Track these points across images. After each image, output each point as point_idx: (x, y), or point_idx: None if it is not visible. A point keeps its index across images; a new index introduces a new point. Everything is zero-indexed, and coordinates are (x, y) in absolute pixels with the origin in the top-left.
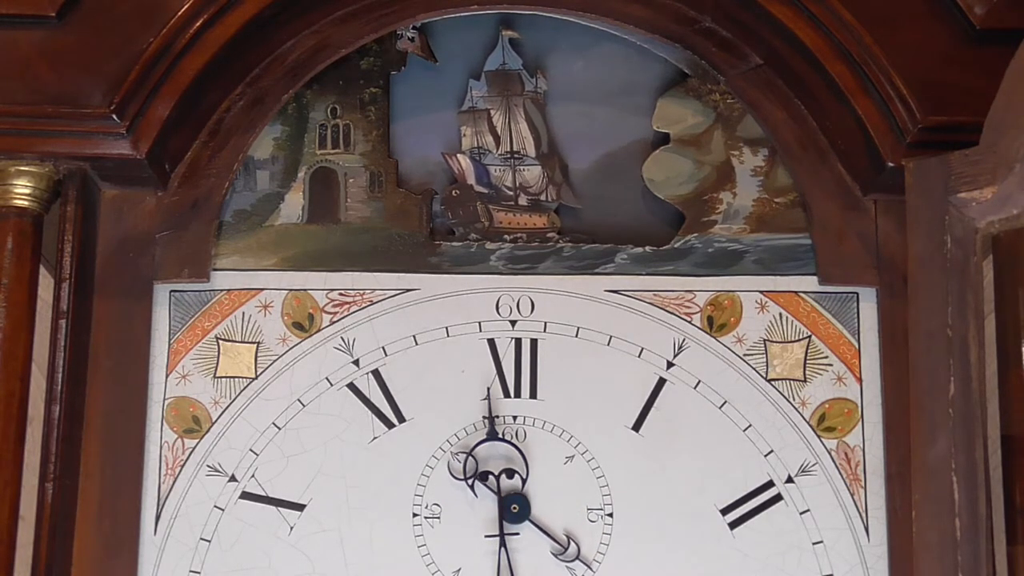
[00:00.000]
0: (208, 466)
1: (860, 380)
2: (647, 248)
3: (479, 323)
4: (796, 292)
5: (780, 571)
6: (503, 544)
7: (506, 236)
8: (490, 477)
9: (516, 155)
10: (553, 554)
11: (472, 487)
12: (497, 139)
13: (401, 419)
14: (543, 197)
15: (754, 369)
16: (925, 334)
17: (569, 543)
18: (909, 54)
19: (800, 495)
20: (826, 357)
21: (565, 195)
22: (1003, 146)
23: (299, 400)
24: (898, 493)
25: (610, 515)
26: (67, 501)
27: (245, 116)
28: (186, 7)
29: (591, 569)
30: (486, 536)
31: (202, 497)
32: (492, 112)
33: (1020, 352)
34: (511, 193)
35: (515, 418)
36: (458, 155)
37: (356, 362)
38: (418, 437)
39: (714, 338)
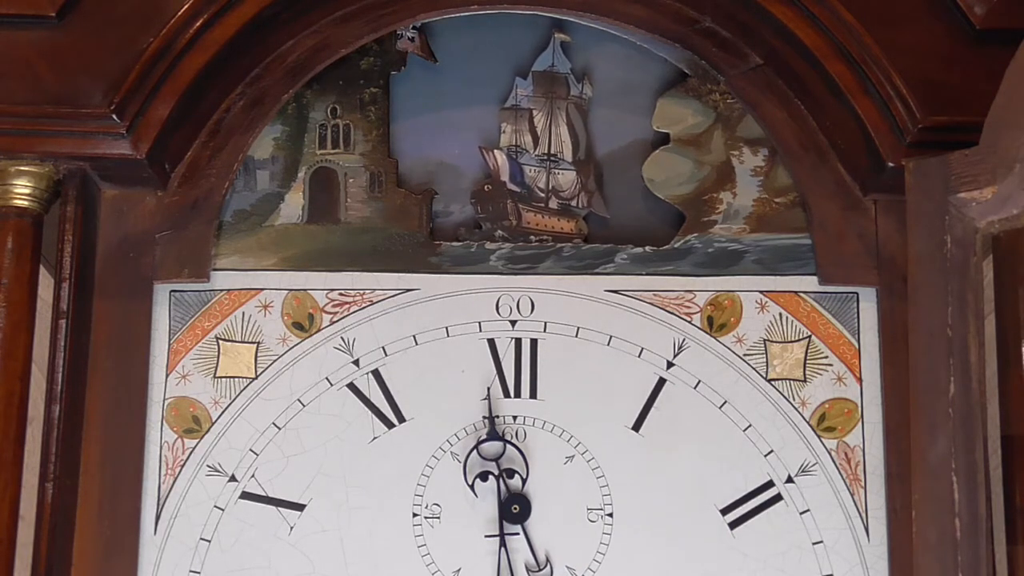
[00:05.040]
0: (208, 466)
1: (860, 380)
2: (647, 248)
3: (479, 323)
4: (796, 292)
5: (780, 571)
6: (503, 544)
7: (532, 237)
8: (490, 477)
9: (553, 158)
10: (527, 568)
11: (472, 487)
12: (536, 140)
13: (401, 419)
14: (574, 203)
15: (754, 369)
16: (925, 334)
17: (547, 563)
18: (909, 54)
19: (800, 495)
20: (826, 357)
21: (596, 203)
22: (1003, 146)
23: (299, 400)
24: (898, 493)
25: (610, 515)
26: (67, 501)
27: (245, 116)
28: (186, 7)
29: (591, 570)
30: (486, 536)
31: (202, 497)
32: (534, 112)
33: (1020, 352)
34: (543, 195)
35: (515, 418)
36: (495, 151)
37: (356, 362)
38: (418, 437)
39: (714, 338)
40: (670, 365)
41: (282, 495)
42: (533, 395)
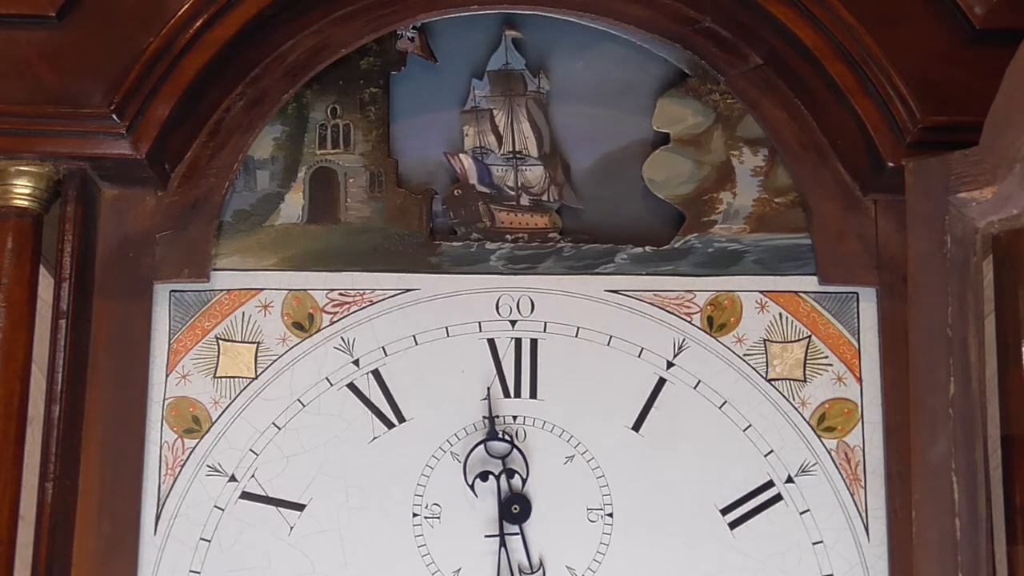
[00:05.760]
0: (208, 466)
1: (860, 380)
2: (647, 248)
3: (479, 323)
4: (796, 292)
5: (780, 571)
6: (503, 544)
7: (508, 236)
8: (490, 477)
9: (518, 155)
10: (520, 570)
11: (472, 487)
12: (499, 139)
13: (401, 419)
14: (545, 197)
15: (754, 369)
16: (925, 334)
17: (540, 566)
18: (909, 54)
19: (800, 495)
20: (826, 357)
21: (567, 195)
22: (1003, 146)
23: (299, 400)
24: (898, 493)
25: (610, 515)
26: (67, 501)
27: (245, 116)
28: (186, 7)
29: (591, 570)
30: (486, 536)
31: (202, 497)
32: (495, 112)
33: (1020, 352)
34: (513, 193)
35: (515, 418)
36: (460, 155)
37: (356, 362)
38: (418, 437)
39: (714, 338)
40: (670, 365)
41: (282, 495)
42: (533, 395)
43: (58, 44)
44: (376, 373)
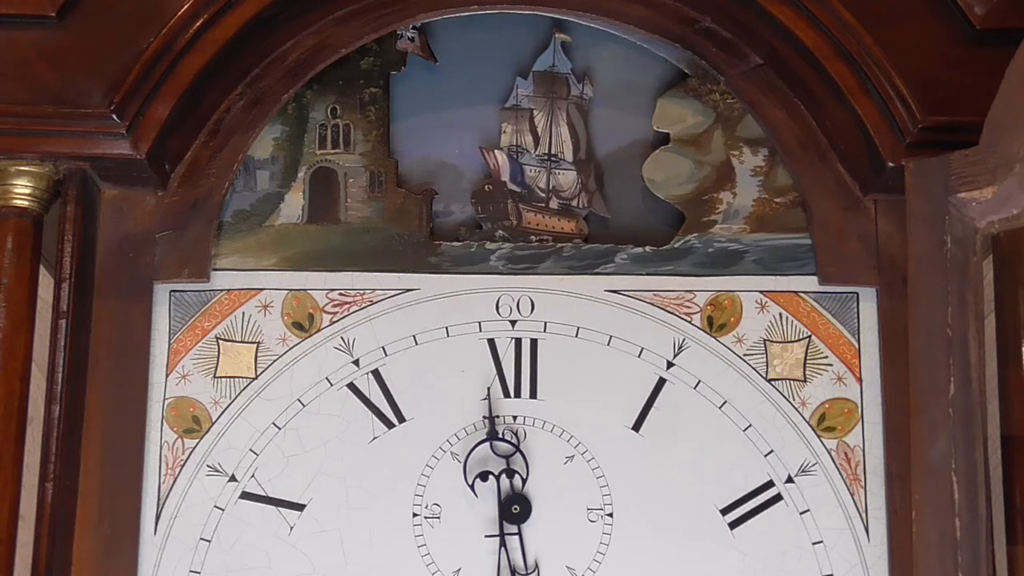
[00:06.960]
0: (208, 466)
1: (860, 380)
2: (647, 248)
3: (479, 323)
4: (796, 292)
5: (780, 571)
6: (503, 544)
7: (532, 237)
8: (490, 477)
9: (553, 158)
10: (515, 571)
11: (472, 487)
12: (536, 140)
13: (401, 419)
14: (575, 203)
15: (754, 369)
16: (925, 334)
17: (535, 568)
18: (909, 54)
19: (800, 495)
20: (826, 357)
21: (596, 203)
22: (1003, 146)
23: (299, 400)
24: (898, 493)
25: (610, 515)
26: (67, 501)
27: (245, 116)
28: (186, 7)
29: (591, 570)
30: (486, 536)
31: (202, 497)
32: (535, 112)
33: (1020, 352)
34: (543, 195)
35: (515, 418)
36: (495, 151)
37: (356, 362)
38: (418, 437)
39: (714, 338)
40: (670, 365)
41: (282, 495)
42: (533, 395)
43: (58, 44)
44: (376, 373)
